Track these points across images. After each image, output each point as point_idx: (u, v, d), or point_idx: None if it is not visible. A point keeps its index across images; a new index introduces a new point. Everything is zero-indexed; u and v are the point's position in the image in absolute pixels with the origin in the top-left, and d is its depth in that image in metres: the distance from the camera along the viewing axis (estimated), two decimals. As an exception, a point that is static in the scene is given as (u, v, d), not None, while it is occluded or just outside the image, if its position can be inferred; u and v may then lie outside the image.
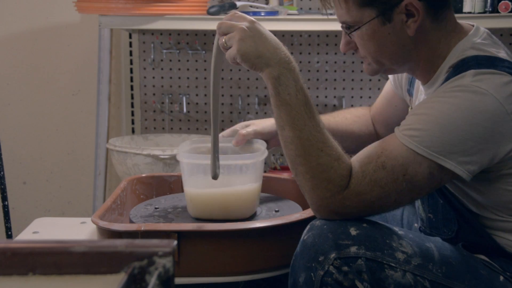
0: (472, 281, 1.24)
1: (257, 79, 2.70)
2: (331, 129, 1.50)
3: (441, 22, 1.30)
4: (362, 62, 1.42)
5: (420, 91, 1.42)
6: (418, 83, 1.45)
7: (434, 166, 1.19)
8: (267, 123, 1.58)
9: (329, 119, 1.61)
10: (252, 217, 1.49)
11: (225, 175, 1.46)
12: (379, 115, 1.65)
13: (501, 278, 1.27)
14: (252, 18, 1.29)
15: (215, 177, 1.41)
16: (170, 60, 2.71)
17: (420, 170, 1.19)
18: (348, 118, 1.66)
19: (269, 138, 1.58)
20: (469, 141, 1.18)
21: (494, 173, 1.25)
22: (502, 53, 1.28)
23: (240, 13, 1.32)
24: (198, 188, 1.47)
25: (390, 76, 1.61)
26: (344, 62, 2.67)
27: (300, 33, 2.67)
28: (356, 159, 1.24)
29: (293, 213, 1.44)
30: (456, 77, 1.23)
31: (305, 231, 1.24)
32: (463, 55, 1.27)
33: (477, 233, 1.32)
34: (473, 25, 1.34)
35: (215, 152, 1.41)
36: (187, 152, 1.52)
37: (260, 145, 1.55)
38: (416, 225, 1.59)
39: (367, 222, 1.24)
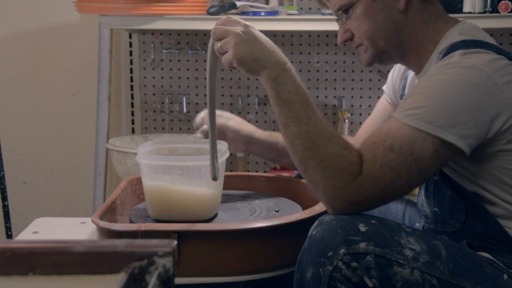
0: (478, 278, 1.24)
1: (256, 79, 2.69)
2: None
3: (429, 4, 1.39)
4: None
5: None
6: (410, 84, 1.48)
7: (438, 142, 1.22)
8: (246, 127, 1.63)
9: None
10: (212, 218, 1.49)
11: (184, 176, 1.46)
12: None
13: (505, 276, 1.28)
14: (245, 22, 1.31)
15: (214, 178, 1.42)
16: (170, 60, 2.71)
17: (425, 147, 1.22)
18: None
19: (245, 141, 1.63)
20: (467, 113, 1.23)
21: (490, 148, 1.28)
22: (489, 40, 1.35)
23: (233, 17, 1.34)
24: (157, 189, 1.47)
25: (384, 88, 1.66)
26: (344, 62, 2.67)
27: (300, 33, 2.67)
28: (362, 147, 1.25)
29: (293, 213, 1.44)
30: (445, 58, 1.30)
31: (313, 227, 1.24)
32: (451, 42, 1.34)
33: (486, 223, 1.33)
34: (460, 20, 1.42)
35: (214, 154, 1.42)
36: (147, 153, 1.52)
37: (222, 146, 1.55)
38: (418, 224, 1.60)
39: (376, 219, 1.24)
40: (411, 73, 1.53)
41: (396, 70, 1.63)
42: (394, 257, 1.20)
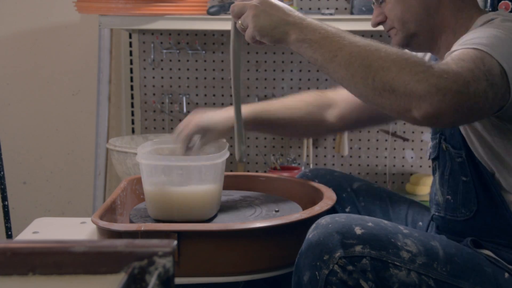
0: (477, 279, 1.24)
1: (257, 79, 2.70)
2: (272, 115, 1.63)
3: None
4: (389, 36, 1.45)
5: None
6: None
7: (500, 70, 1.15)
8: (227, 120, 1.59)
9: (266, 110, 1.67)
10: (212, 218, 1.49)
11: (183, 176, 1.46)
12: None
13: (506, 275, 1.28)
14: None
15: (240, 160, 1.43)
16: (170, 60, 2.71)
17: (493, 63, 1.14)
18: (288, 105, 1.70)
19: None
20: None
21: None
22: None
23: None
24: (157, 189, 1.47)
25: None
26: (344, 62, 2.66)
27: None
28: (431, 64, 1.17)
29: (293, 213, 1.44)
30: (486, 22, 1.29)
31: (310, 230, 1.24)
32: (487, 19, 1.32)
33: (498, 213, 1.32)
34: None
35: (240, 135, 1.44)
36: (147, 153, 1.52)
37: (222, 146, 1.55)
38: (421, 223, 1.60)
39: (372, 221, 1.24)
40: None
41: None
42: (391, 259, 1.19)
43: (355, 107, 1.62)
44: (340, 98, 1.66)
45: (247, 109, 1.62)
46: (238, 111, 1.42)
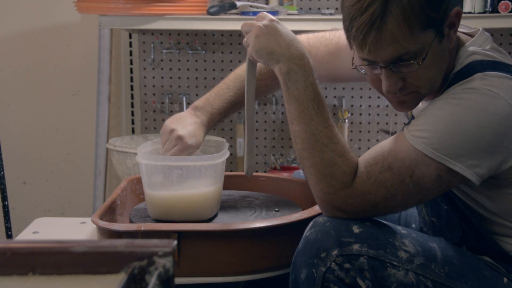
0: (475, 282, 1.23)
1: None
2: None
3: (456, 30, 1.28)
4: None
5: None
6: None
7: (443, 169, 1.18)
8: (197, 137, 1.51)
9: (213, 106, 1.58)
10: (212, 218, 1.49)
11: (183, 176, 1.46)
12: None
13: (505, 280, 1.27)
14: (273, 17, 1.33)
15: (247, 174, 1.44)
16: (170, 60, 2.71)
17: (427, 172, 1.18)
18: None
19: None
20: (479, 144, 1.16)
21: (504, 180, 1.24)
22: (504, 57, 1.26)
23: (264, 13, 1.37)
24: (158, 189, 1.47)
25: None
26: (344, 62, 2.66)
27: (300, 33, 2.66)
28: (362, 159, 1.24)
29: (293, 213, 1.44)
30: (464, 80, 1.20)
31: (307, 228, 1.24)
32: (466, 61, 1.24)
33: (482, 239, 1.31)
34: (466, 33, 1.32)
35: (250, 150, 1.43)
36: (147, 153, 1.52)
37: (222, 146, 1.55)
38: (414, 225, 1.59)
39: (370, 221, 1.24)
40: None
41: None
42: (388, 259, 1.19)
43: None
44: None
45: (218, 103, 1.56)
46: (250, 125, 1.41)
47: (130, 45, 2.72)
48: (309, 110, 1.25)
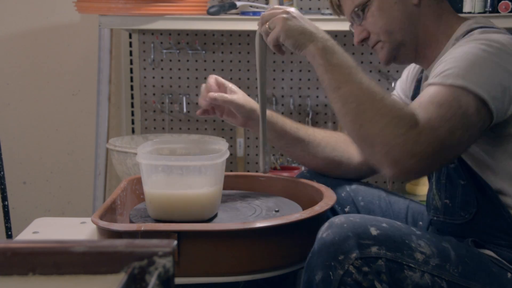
0: (486, 279, 1.24)
1: (256, 79, 2.69)
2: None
3: (440, 1, 1.43)
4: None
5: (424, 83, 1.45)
6: (422, 82, 1.49)
7: (476, 99, 1.21)
8: (250, 104, 1.60)
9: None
10: (212, 218, 1.49)
11: (183, 176, 1.46)
12: None
13: (509, 275, 1.28)
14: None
15: (265, 171, 1.45)
16: (170, 60, 2.71)
17: (469, 101, 1.21)
18: (325, 132, 1.68)
19: (245, 116, 1.59)
20: (494, 76, 1.23)
21: (506, 130, 1.29)
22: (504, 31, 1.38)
23: (278, 6, 1.41)
24: (158, 189, 1.47)
25: (397, 85, 1.65)
26: (344, 62, 2.67)
27: (300, 33, 2.66)
28: (412, 106, 1.23)
29: (293, 213, 1.44)
30: (465, 37, 1.33)
31: (323, 229, 1.23)
32: (468, 29, 1.37)
33: (496, 213, 1.33)
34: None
35: (265, 146, 1.44)
36: (148, 153, 1.52)
37: (222, 146, 1.55)
38: (421, 223, 1.60)
39: (386, 222, 1.24)
40: (425, 76, 1.53)
41: (411, 70, 1.63)
42: (405, 261, 1.19)
43: None
44: None
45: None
46: (263, 123, 1.43)
47: (130, 45, 2.72)
48: (357, 71, 1.27)
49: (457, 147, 1.23)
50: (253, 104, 1.61)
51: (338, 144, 1.64)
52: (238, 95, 1.60)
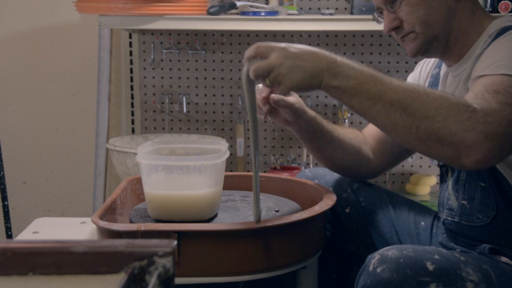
0: None
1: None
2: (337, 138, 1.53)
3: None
4: (398, 45, 1.44)
5: (447, 87, 1.43)
6: (443, 79, 1.46)
7: None
8: (301, 102, 1.47)
9: (336, 128, 1.57)
10: (212, 218, 1.49)
11: (184, 176, 1.46)
12: (383, 138, 1.59)
13: None
14: (275, 45, 1.23)
15: (258, 221, 1.33)
16: (170, 60, 2.71)
17: None
18: (350, 132, 1.61)
19: (296, 116, 1.46)
20: None
21: None
22: None
23: (262, 44, 1.24)
24: (158, 189, 1.47)
25: (409, 80, 1.60)
26: (344, 62, 2.66)
27: (300, 33, 2.66)
28: (469, 101, 1.17)
29: (293, 213, 1.44)
30: (502, 35, 1.30)
31: (375, 262, 1.21)
32: (501, 26, 1.34)
33: None
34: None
35: (257, 193, 1.34)
36: (148, 153, 1.52)
37: (222, 146, 1.55)
38: (422, 223, 1.59)
39: (436, 252, 1.23)
40: (443, 69, 1.49)
41: (424, 65, 1.60)
42: None
43: (382, 142, 1.59)
44: (367, 134, 1.62)
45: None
46: (256, 173, 1.34)
47: (130, 45, 2.72)
48: (384, 78, 1.18)
49: None
50: (303, 103, 1.49)
51: (362, 146, 1.60)
52: (292, 97, 1.45)
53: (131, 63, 2.72)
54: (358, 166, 1.61)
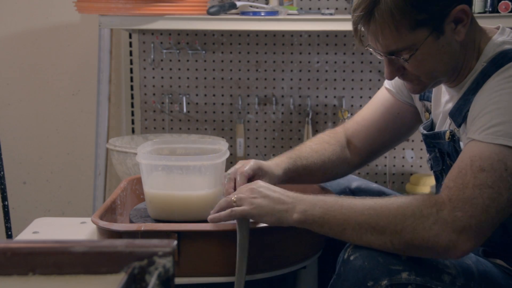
0: None
1: (257, 79, 2.70)
2: (304, 167, 1.52)
3: (473, 23, 1.33)
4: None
5: (443, 92, 1.41)
6: (436, 93, 1.44)
7: None
8: (277, 166, 1.50)
9: (300, 157, 1.55)
10: None
11: (183, 176, 1.47)
12: (367, 129, 1.59)
13: None
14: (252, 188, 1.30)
15: None
16: (170, 60, 2.71)
17: None
18: (315, 149, 1.59)
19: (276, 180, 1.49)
20: None
21: None
22: None
23: (241, 196, 1.31)
24: (158, 189, 1.47)
25: (387, 83, 1.57)
26: (344, 62, 2.67)
27: (300, 33, 2.66)
28: (446, 184, 1.18)
29: (293, 213, 1.44)
30: (502, 69, 1.24)
31: (349, 251, 1.21)
32: (498, 50, 1.29)
33: (505, 230, 1.31)
34: (496, 28, 1.36)
35: None
36: (148, 153, 1.52)
37: (222, 146, 1.55)
38: None
39: None
40: (435, 92, 1.46)
41: None
42: (434, 284, 1.18)
43: (366, 139, 1.59)
44: (350, 134, 1.61)
45: (282, 158, 1.53)
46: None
47: (130, 45, 2.72)
48: (346, 201, 1.21)
49: (506, 207, 1.16)
50: (278, 167, 1.51)
51: (335, 154, 1.59)
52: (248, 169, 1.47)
53: (131, 63, 2.72)
54: (338, 171, 1.61)
